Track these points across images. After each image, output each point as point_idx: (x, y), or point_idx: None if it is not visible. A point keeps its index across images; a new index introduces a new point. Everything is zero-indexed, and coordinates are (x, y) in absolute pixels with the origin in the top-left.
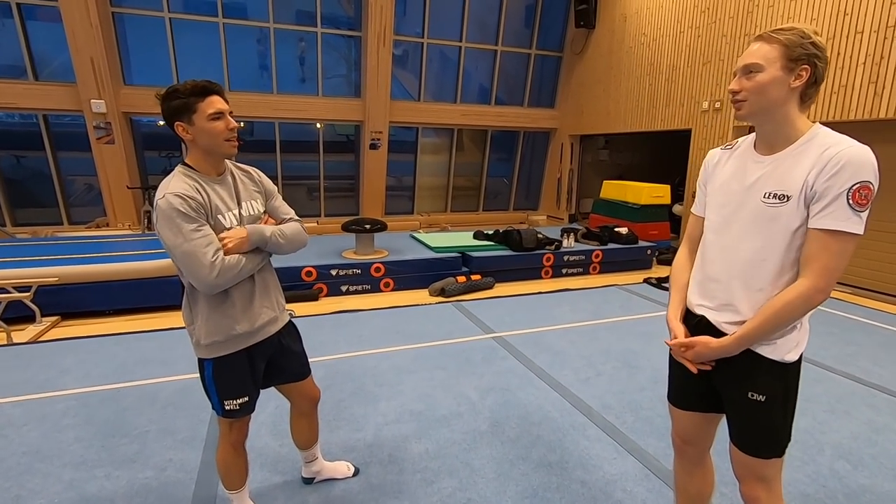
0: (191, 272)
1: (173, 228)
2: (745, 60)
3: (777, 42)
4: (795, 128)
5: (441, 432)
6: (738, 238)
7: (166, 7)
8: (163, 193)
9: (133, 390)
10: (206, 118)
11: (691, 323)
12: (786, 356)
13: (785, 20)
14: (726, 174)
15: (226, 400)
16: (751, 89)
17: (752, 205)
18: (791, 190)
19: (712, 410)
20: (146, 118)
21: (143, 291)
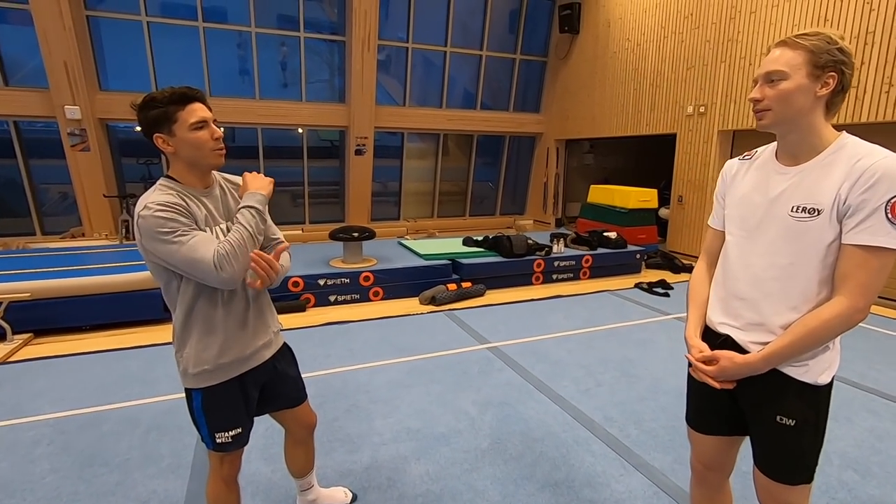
0: (198, 271)
1: (165, 235)
2: (767, 67)
3: (802, 48)
4: (821, 137)
5: (441, 451)
6: (765, 254)
7: (143, 10)
8: (143, 206)
9: (112, 414)
10: (187, 128)
11: (714, 342)
12: (818, 378)
13: (767, 26)
14: (747, 186)
15: (217, 433)
16: (774, 98)
17: (779, 218)
18: (822, 203)
19: (735, 433)
20: (123, 124)
21: (122, 305)
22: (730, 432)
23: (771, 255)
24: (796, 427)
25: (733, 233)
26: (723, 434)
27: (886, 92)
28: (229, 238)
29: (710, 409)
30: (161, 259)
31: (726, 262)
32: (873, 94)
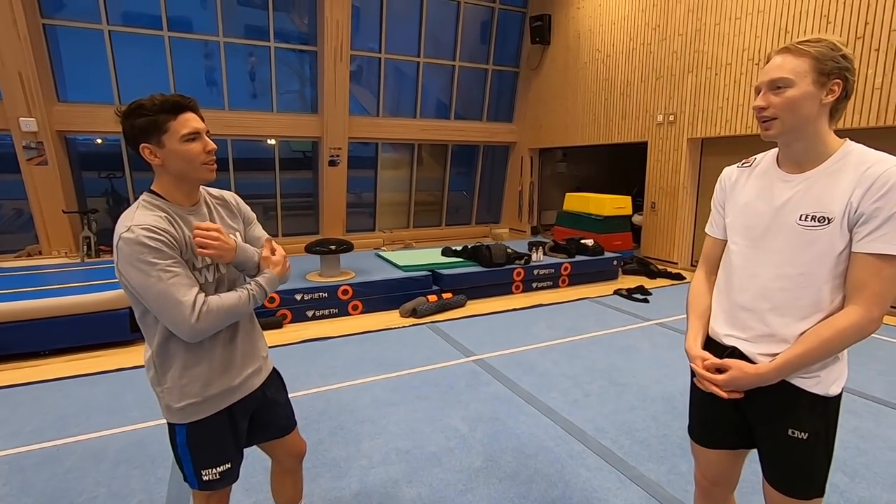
0: (169, 316)
1: (144, 266)
2: (771, 75)
3: (807, 55)
4: (826, 144)
5: (433, 472)
6: (773, 264)
7: (105, 19)
8: (127, 226)
9: (76, 447)
10: (178, 139)
11: (719, 354)
12: (829, 390)
13: (731, 38)
14: (749, 194)
15: (203, 470)
16: (781, 106)
17: (787, 228)
18: (832, 212)
19: (741, 446)
20: (83, 136)
21: (85, 327)
22: (735, 446)
23: (779, 265)
24: (809, 440)
25: (737, 242)
26: (728, 448)
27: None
28: (225, 298)
29: (715, 422)
30: (133, 288)
31: (730, 271)
32: None
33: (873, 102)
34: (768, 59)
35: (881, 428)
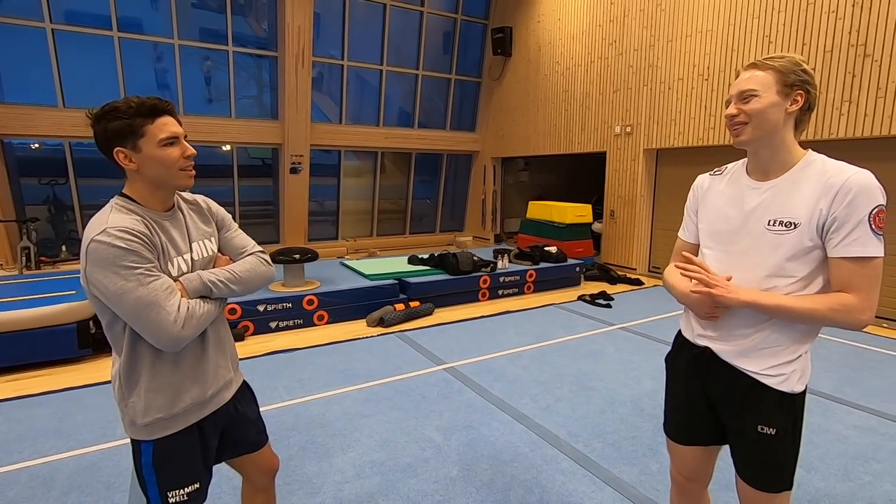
0: (150, 324)
1: (121, 271)
2: (740, 87)
3: (771, 69)
4: (791, 153)
5: (409, 484)
6: (745, 267)
7: (47, 17)
8: (100, 229)
9: (20, 475)
10: (156, 144)
11: (690, 354)
12: (795, 387)
13: (683, 54)
14: (721, 201)
15: (169, 491)
16: (750, 113)
17: (756, 232)
18: (798, 217)
19: (715, 443)
20: (20, 140)
21: (26, 345)
22: (708, 442)
23: (750, 268)
24: (777, 436)
25: (710, 246)
26: (702, 444)
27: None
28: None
29: (688, 420)
30: (105, 296)
31: None
32: None
33: (811, 118)
34: (738, 74)
35: (830, 422)
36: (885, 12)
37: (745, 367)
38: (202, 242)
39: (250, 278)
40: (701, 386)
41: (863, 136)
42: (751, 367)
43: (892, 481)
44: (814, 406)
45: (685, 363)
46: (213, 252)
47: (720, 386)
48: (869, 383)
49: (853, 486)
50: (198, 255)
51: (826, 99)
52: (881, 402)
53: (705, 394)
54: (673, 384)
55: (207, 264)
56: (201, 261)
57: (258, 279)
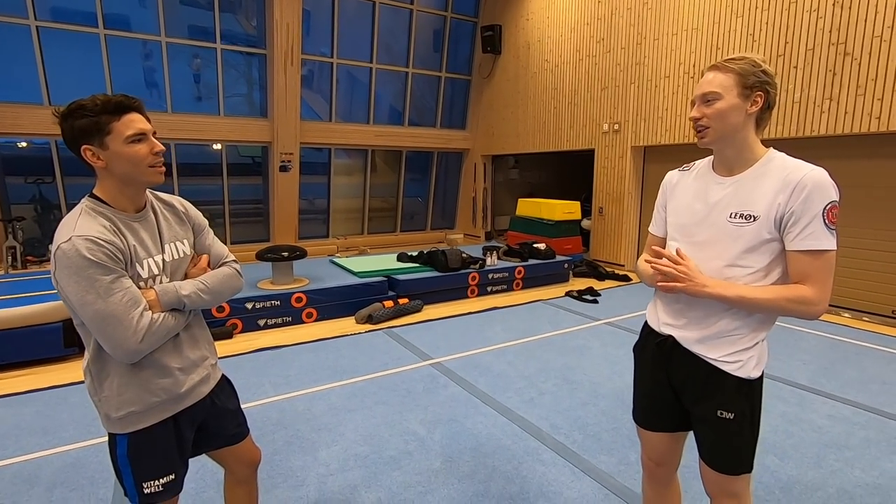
0: (108, 337)
1: (83, 282)
2: (703, 89)
3: (731, 71)
4: (753, 151)
5: (392, 476)
6: (707, 258)
7: (32, 14)
8: (67, 236)
9: (5, 472)
10: (123, 141)
11: (655, 343)
12: (751, 373)
13: (668, 53)
14: (689, 195)
15: (145, 482)
16: (712, 116)
17: (719, 224)
18: (757, 210)
19: (680, 429)
20: (5, 139)
21: (12, 344)
22: (675, 428)
23: (712, 258)
24: (735, 420)
25: (676, 238)
26: (668, 430)
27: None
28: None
29: (655, 407)
30: (68, 301)
31: None
32: None
33: (793, 115)
34: (702, 74)
35: (806, 412)
36: (865, 12)
37: (705, 354)
38: (175, 244)
39: (222, 290)
40: (665, 374)
41: (843, 133)
42: (710, 354)
43: (861, 468)
44: (790, 397)
45: (650, 352)
46: (185, 254)
47: (683, 373)
48: (845, 374)
49: (824, 473)
50: (170, 256)
51: (808, 96)
52: (855, 393)
53: (670, 381)
54: (640, 372)
55: (179, 265)
56: (173, 262)
57: (229, 291)
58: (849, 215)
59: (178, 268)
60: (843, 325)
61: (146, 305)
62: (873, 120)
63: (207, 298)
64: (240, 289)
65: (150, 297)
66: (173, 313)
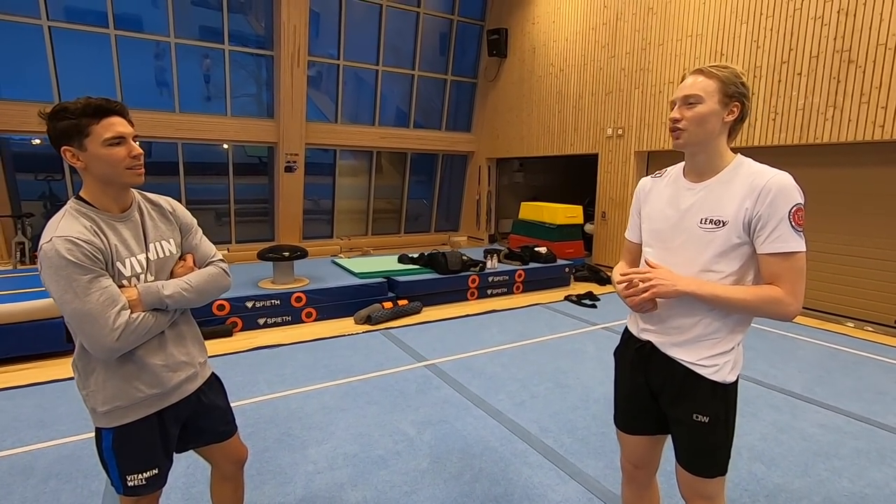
0: (85, 335)
1: (62, 282)
2: (685, 91)
3: (716, 77)
4: (723, 158)
5: (379, 475)
6: (680, 263)
7: (44, 14)
8: (49, 237)
9: (1, 462)
10: (101, 143)
11: (634, 348)
12: (727, 377)
13: (673, 58)
14: (662, 201)
15: (128, 475)
16: (692, 119)
17: (690, 230)
18: (726, 216)
19: (659, 432)
20: (17, 136)
21: (14, 338)
22: (653, 432)
23: (685, 263)
24: (710, 423)
25: (651, 244)
26: (647, 434)
27: (773, 119)
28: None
29: (633, 411)
30: (52, 298)
31: None
32: (761, 122)
33: (797, 122)
34: (683, 77)
35: (797, 420)
36: (870, 20)
37: (682, 358)
38: (160, 244)
39: (208, 289)
40: (644, 378)
41: (847, 140)
42: (687, 358)
43: (849, 478)
44: (782, 405)
45: (630, 357)
46: (171, 253)
47: (660, 377)
48: (840, 384)
49: (811, 482)
50: (154, 255)
51: (812, 103)
52: (849, 402)
53: (648, 385)
54: (620, 377)
55: (164, 264)
56: (157, 261)
57: (215, 290)
58: (853, 223)
59: (162, 267)
60: (844, 334)
61: (124, 304)
62: (877, 128)
63: (191, 297)
64: (227, 287)
65: (131, 296)
66: (154, 313)
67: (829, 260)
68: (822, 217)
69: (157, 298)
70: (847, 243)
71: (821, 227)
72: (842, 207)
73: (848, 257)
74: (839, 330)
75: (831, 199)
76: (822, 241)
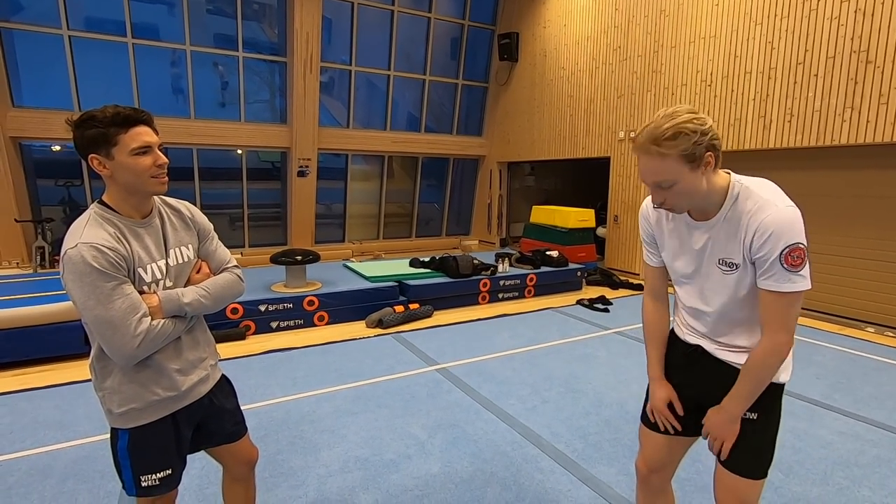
0: (106, 341)
1: (86, 288)
2: (653, 179)
3: (672, 157)
4: (719, 193)
5: (390, 479)
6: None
7: (65, 24)
8: (74, 242)
9: (21, 463)
10: (128, 152)
11: (682, 350)
12: (779, 377)
13: (686, 61)
14: (672, 238)
15: (142, 475)
16: (677, 197)
17: (711, 270)
18: (736, 258)
19: (687, 434)
20: (38, 143)
21: (34, 341)
22: (683, 433)
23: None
24: (759, 420)
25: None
26: (674, 433)
27: (789, 121)
28: (167, 324)
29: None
30: (73, 303)
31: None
32: (776, 124)
33: (813, 124)
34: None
35: (815, 427)
36: (888, 19)
37: (735, 361)
38: (180, 249)
39: (223, 296)
40: (687, 378)
41: (865, 142)
42: (740, 361)
43: (870, 486)
44: (801, 412)
45: (676, 357)
46: (189, 258)
47: (710, 378)
48: (861, 390)
49: (830, 490)
50: (174, 260)
51: (828, 105)
52: (870, 409)
53: (692, 385)
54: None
55: (183, 269)
56: (177, 266)
57: (230, 296)
58: (873, 227)
59: (181, 272)
60: (865, 339)
61: (145, 311)
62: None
63: (209, 304)
64: (241, 293)
65: (152, 303)
66: (173, 319)
67: (848, 264)
68: (841, 220)
69: (176, 306)
70: (867, 247)
71: (840, 230)
72: (861, 210)
73: (867, 261)
74: (859, 335)
75: (849, 202)
76: (842, 245)
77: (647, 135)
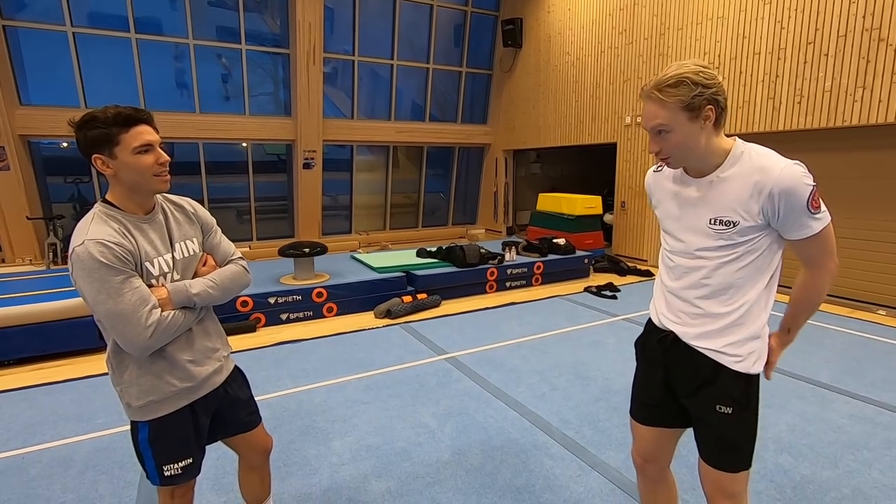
0: (119, 334)
1: (95, 283)
2: (651, 123)
3: (671, 105)
4: (719, 152)
5: (402, 467)
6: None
7: (69, 21)
8: (81, 240)
9: (42, 455)
10: (130, 151)
11: (655, 338)
12: (751, 369)
13: (693, 42)
14: (668, 197)
15: (165, 465)
16: (671, 147)
17: (700, 230)
18: (734, 215)
19: (676, 425)
20: (47, 140)
21: (50, 336)
22: (671, 424)
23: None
24: (733, 414)
25: (667, 241)
26: (664, 426)
27: (798, 102)
28: (177, 315)
29: (651, 402)
30: (84, 299)
31: (664, 265)
32: (786, 105)
33: (823, 105)
34: (645, 89)
35: (825, 411)
36: None
37: (706, 346)
38: (185, 243)
39: (230, 287)
40: (664, 369)
41: (877, 122)
42: (710, 346)
43: (880, 469)
44: (810, 395)
45: (651, 347)
46: (195, 252)
47: (682, 368)
48: (872, 373)
49: (840, 473)
50: (180, 254)
51: (839, 85)
52: (881, 392)
53: (668, 376)
54: (640, 367)
55: (190, 263)
56: (183, 260)
57: (237, 287)
58: (885, 209)
59: (188, 265)
60: (875, 322)
61: (155, 303)
62: None
63: (217, 295)
64: (248, 284)
65: (161, 295)
66: (183, 310)
67: (859, 246)
68: (852, 202)
69: (185, 297)
70: (879, 229)
71: (851, 212)
72: (872, 192)
73: (878, 243)
74: (870, 318)
75: (860, 184)
76: (853, 227)
77: (653, 81)
